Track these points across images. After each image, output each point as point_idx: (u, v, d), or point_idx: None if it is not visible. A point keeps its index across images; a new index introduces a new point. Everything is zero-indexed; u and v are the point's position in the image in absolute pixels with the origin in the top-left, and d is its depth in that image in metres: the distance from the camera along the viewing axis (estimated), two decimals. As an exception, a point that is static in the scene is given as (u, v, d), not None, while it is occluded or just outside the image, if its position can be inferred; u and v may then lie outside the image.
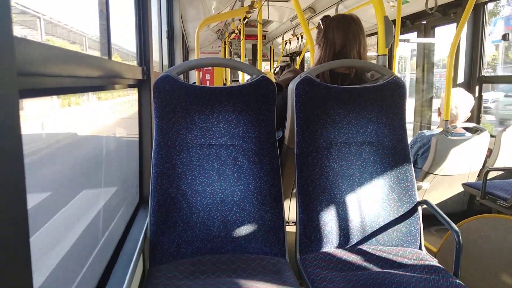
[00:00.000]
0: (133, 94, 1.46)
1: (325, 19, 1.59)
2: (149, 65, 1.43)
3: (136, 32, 1.43)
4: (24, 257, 0.39)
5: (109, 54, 1.07)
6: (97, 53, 1.16)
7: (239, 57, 7.82)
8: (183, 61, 4.46)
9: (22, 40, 0.44)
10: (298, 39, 5.46)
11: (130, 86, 1.33)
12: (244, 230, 1.27)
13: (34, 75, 0.48)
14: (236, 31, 5.75)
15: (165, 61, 3.57)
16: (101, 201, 1.30)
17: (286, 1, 4.60)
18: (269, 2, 2.99)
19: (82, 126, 1.28)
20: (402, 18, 3.13)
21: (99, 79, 0.87)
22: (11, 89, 0.37)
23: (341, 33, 1.52)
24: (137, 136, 1.45)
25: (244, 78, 5.35)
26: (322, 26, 1.57)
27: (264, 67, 8.60)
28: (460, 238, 1.13)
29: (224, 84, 5.43)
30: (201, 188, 1.28)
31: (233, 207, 1.28)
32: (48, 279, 0.81)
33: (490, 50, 5.84)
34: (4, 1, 0.36)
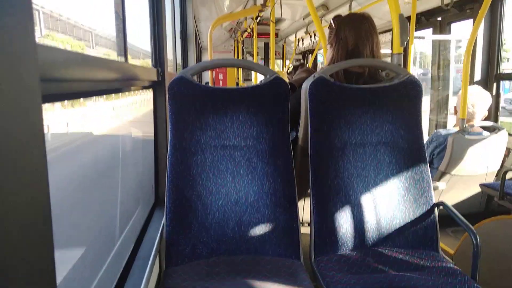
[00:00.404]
0: (141, 94, 1.45)
1: (337, 18, 1.58)
2: (163, 66, 1.44)
3: (150, 34, 1.44)
4: (47, 257, 0.40)
5: (125, 56, 1.08)
6: (104, 50, 1.14)
7: (252, 55, 7.82)
8: (196, 60, 4.48)
9: (44, 47, 0.45)
10: (311, 37, 5.42)
11: (145, 87, 1.35)
12: (259, 231, 1.27)
13: (56, 81, 0.49)
14: (249, 30, 5.75)
15: (178, 60, 3.60)
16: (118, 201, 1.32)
17: (299, -1, 4.57)
18: (282, 0, 2.98)
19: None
20: (417, 14, 3.08)
21: (116, 81, 0.88)
22: (35, 94, 0.38)
23: (353, 31, 1.51)
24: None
25: (256, 77, 5.35)
26: (333, 26, 1.56)
27: (277, 63, 8.57)
28: (478, 240, 1.10)
29: (237, 83, 5.44)
30: (215, 189, 1.28)
31: (247, 208, 1.28)
32: (68, 277, 0.83)
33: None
34: (28, 11, 0.37)
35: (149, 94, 1.46)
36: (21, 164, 0.34)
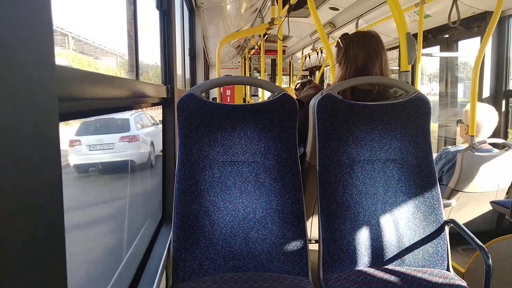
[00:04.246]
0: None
1: (344, 37, 1.60)
2: (173, 83, 1.47)
3: (161, 52, 1.47)
4: (60, 268, 0.41)
5: (137, 74, 1.11)
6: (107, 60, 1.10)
7: (259, 72, 7.90)
8: (204, 76, 4.54)
9: (62, 67, 0.46)
10: (317, 53, 5.47)
11: (154, 104, 1.37)
12: (266, 248, 1.26)
13: (72, 100, 0.50)
14: (256, 47, 5.82)
15: (187, 76, 3.65)
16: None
17: (306, 17, 4.64)
18: (289, 18, 3.03)
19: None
20: (424, 32, 3.10)
21: (128, 99, 0.90)
22: (53, 113, 0.39)
23: (362, 50, 1.52)
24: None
25: (264, 93, 5.40)
26: (341, 45, 1.58)
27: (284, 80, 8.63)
28: (490, 259, 1.08)
29: (244, 99, 5.48)
30: (223, 205, 1.28)
31: (255, 225, 1.28)
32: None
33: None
34: (48, 33, 0.38)
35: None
36: (37, 180, 0.35)
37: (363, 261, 1.27)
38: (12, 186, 0.30)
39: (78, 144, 1.17)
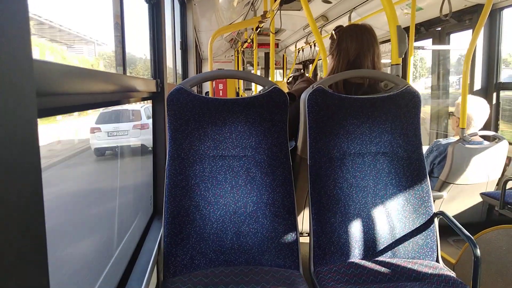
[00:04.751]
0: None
1: (338, 29, 1.59)
2: (163, 77, 1.45)
3: (150, 45, 1.45)
4: (41, 265, 0.40)
5: (124, 68, 1.09)
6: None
7: (252, 65, 7.87)
8: (197, 70, 4.51)
9: (40, 61, 0.45)
10: (311, 47, 5.46)
11: (144, 98, 1.35)
12: (257, 242, 1.26)
13: (52, 95, 0.49)
14: (249, 40, 5.79)
15: (179, 70, 3.62)
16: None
17: (299, 10, 4.61)
18: (282, 11, 3.01)
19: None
20: (416, 25, 3.10)
21: (115, 93, 0.89)
22: (30, 109, 0.38)
23: (355, 43, 1.52)
24: None
25: (256, 87, 5.38)
26: (335, 37, 1.57)
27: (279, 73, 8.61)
28: (478, 250, 1.10)
29: (237, 93, 5.46)
30: (214, 199, 1.28)
31: (246, 219, 1.28)
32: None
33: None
34: (24, 25, 0.37)
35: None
36: (15, 181, 0.34)
37: (354, 254, 1.28)
38: None
39: (98, 131, 1.36)
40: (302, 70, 7.44)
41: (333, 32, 1.59)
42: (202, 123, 1.30)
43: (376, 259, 1.28)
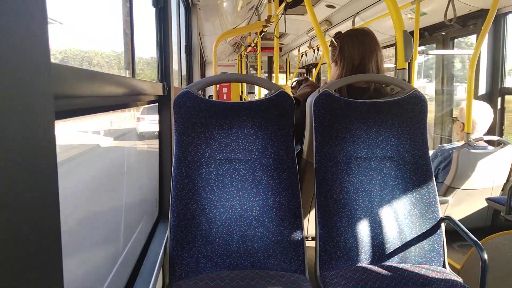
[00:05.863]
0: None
1: (338, 36, 1.59)
2: (169, 81, 1.46)
3: (157, 49, 1.46)
4: (56, 267, 0.41)
5: (133, 72, 1.10)
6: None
7: (255, 69, 7.89)
8: (201, 74, 4.53)
9: (57, 65, 0.46)
10: (314, 51, 5.47)
11: (150, 102, 1.36)
12: (263, 245, 1.26)
13: (68, 97, 0.50)
14: (253, 44, 5.81)
15: (183, 73, 3.64)
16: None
17: (303, 15, 4.63)
18: (286, 15, 3.02)
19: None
20: (420, 29, 3.10)
21: (124, 97, 0.90)
22: (48, 111, 0.39)
23: (357, 48, 1.52)
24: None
25: (260, 91, 5.38)
26: (336, 44, 1.57)
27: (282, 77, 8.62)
28: (486, 255, 1.09)
29: (241, 96, 5.47)
30: (220, 203, 1.28)
31: (252, 222, 1.28)
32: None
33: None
34: (43, 31, 0.38)
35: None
36: (33, 180, 0.34)
37: (360, 258, 1.28)
38: (7, 187, 0.30)
39: (142, 120, 1.77)
40: (305, 74, 7.45)
41: (333, 39, 1.59)
42: (209, 126, 1.30)
43: (383, 264, 1.28)
